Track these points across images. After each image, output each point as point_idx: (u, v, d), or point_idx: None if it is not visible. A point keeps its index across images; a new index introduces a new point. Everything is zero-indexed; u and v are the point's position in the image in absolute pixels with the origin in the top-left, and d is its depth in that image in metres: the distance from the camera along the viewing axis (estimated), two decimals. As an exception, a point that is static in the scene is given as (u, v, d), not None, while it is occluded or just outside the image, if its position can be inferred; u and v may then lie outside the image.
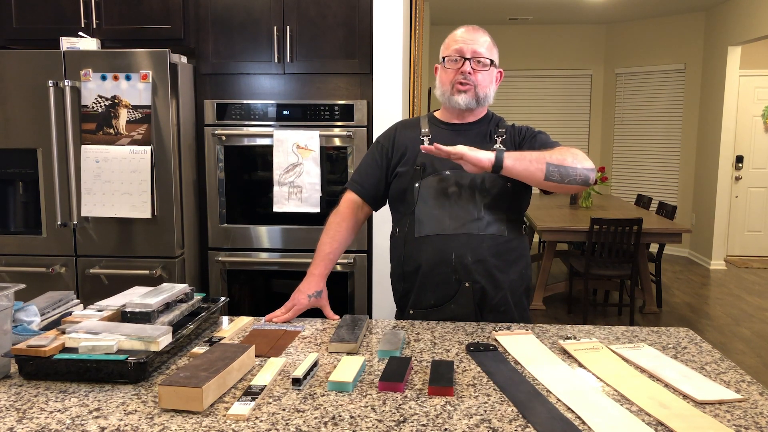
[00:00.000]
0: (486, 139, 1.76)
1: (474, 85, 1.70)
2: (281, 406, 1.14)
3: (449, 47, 1.72)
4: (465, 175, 1.67)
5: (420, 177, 1.71)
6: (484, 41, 1.71)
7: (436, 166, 1.71)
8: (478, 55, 1.69)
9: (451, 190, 1.69)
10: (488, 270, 1.68)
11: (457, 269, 1.68)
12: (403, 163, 1.76)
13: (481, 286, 1.68)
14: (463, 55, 1.70)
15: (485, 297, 1.70)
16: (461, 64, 1.70)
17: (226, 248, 3.03)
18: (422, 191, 1.70)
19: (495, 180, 1.68)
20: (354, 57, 2.89)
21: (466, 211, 1.68)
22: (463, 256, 1.67)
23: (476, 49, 1.69)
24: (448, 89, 1.73)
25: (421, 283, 1.72)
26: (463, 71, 1.69)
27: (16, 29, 3.00)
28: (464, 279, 1.68)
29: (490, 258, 1.68)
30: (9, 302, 1.30)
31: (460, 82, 1.70)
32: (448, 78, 1.72)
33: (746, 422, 1.09)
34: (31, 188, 2.88)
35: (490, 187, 1.69)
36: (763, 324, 4.72)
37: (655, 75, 7.27)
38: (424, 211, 1.70)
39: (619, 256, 4.40)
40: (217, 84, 2.98)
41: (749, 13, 5.89)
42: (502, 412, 1.13)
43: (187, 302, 1.56)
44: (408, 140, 1.78)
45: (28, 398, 1.17)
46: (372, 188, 1.81)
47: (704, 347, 1.48)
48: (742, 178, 6.98)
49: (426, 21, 6.08)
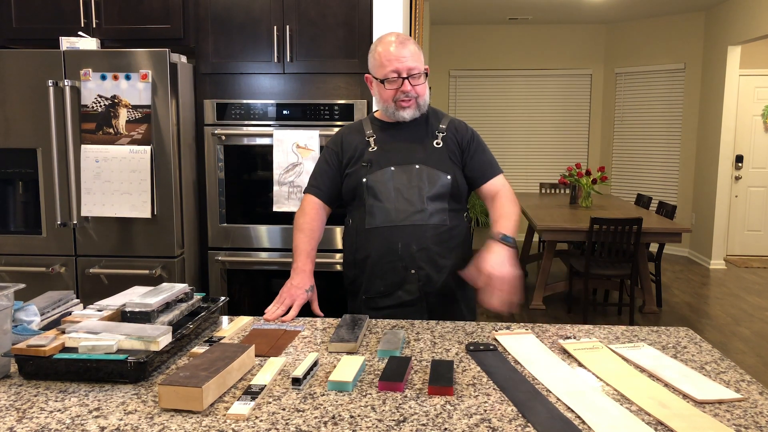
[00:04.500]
0: (427, 134, 1.89)
1: (415, 98, 1.82)
2: (281, 406, 1.14)
3: (385, 67, 1.79)
4: (408, 169, 1.83)
5: (367, 172, 1.84)
6: (413, 52, 1.80)
7: (382, 162, 1.84)
8: (413, 70, 1.79)
9: (397, 185, 1.82)
10: (431, 257, 1.81)
11: (404, 257, 1.81)
12: (352, 163, 1.88)
13: (426, 273, 1.81)
14: (400, 74, 1.79)
15: (429, 282, 1.82)
16: (400, 84, 1.79)
17: (225, 248, 3.03)
18: (370, 185, 1.83)
19: (436, 174, 1.83)
20: (354, 57, 2.89)
21: (411, 203, 1.81)
22: (408, 245, 1.80)
23: (411, 65, 1.78)
24: (391, 105, 1.84)
25: (371, 272, 1.85)
26: (404, 90, 1.80)
27: (16, 29, 3.00)
28: (410, 266, 1.81)
29: (432, 246, 1.81)
30: (9, 302, 1.30)
31: (402, 99, 1.81)
32: (389, 95, 1.82)
33: (746, 422, 1.09)
34: (31, 188, 2.88)
35: (431, 180, 1.82)
36: (763, 324, 4.72)
37: (654, 75, 7.27)
38: (373, 205, 1.83)
39: (618, 256, 4.40)
40: (216, 84, 2.98)
41: (749, 13, 5.89)
42: (501, 412, 1.13)
43: (186, 302, 1.56)
44: (355, 143, 1.90)
45: (28, 398, 1.17)
46: (328, 190, 1.93)
47: (704, 347, 1.48)
48: (742, 177, 6.98)
49: (426, 21, 6.08)
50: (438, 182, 1.82)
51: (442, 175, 1.83)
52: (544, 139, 7.90)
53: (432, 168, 1.83)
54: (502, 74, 7.87)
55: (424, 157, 1.84)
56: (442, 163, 1.84)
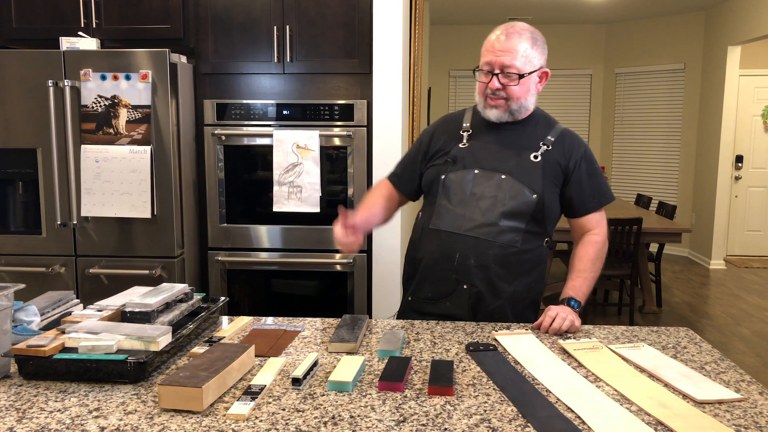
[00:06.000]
0: (528, 143, 1.71)
1: (506, 99, 1.66)
2: (281, 406, 1.14)
3: (482, 56, 1.66)
4: (492, 176, 1.66)
5: (447, 170, 1.71)
6: (518, 50, 1.62)
7: (467, 163, 1.69)
8: (507, 68, 1.62)
9: (476, 190, 1.67)
10: (489, 277, 1.66)
11: (458, 269, 1.67)
12: (439, 156, 1.75)
13: (479, 291, 1.67)
14: (491, 69, 1.64)
15: (481, 302, 1.68)
16: (489, 79, 1.65)
17: (225, 248, 3.03)
18: (446, 184, 1.70)
19: (521, 189, 1.66)
20: (354, 57, 2.89)
21: (483, 214, 1.66)
22: (466, 258, 1.66)
23: (506, 62, 1.61)
24: (481, 100, 1.70)
25: (422, 274, 1.74)
26: (491, 87, 1.65)
27: (16, 29, 3.00)
28: (463, 280, 1.67)
29: (494, 265, 1.66)
30: (9, 302, 1.30)
31: (490, 96, 1.67)
32: (480, 88, 1.69)
33: (746, 422, 1.09)
34: (31, 188, 2.88)
35: (513, 195, 1.65)
36: (762, 324, 4.72)
37: (654, 75, 7.27)
38: (444, 206, 1.70)
39: (618, 256, 4.40)
40: (216, 84, 2.98)
41: (749, 13, 5.89)
42: (501, 412, 1.13)
43: (186, 302, 1.56)
44: (447, 134, 1.78)
45: (28, 398, 1.17)
46: (408, 181, 1.85)
47: (704, 347, 1.48)
48: (742, 177, 6.98)
49: (426, 21, 6.08)
50: (520, 198, 1.65)
51: (527, 192, 1.65)
52: (544, 139, 7.89)
53: (518, 182, 1.65)
54: (502, 74, 7.86)
55: (514, 168, 1.67)
56: (532, 179, 1.66)
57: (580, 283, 1.68)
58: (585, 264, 1.72)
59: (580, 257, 1.73)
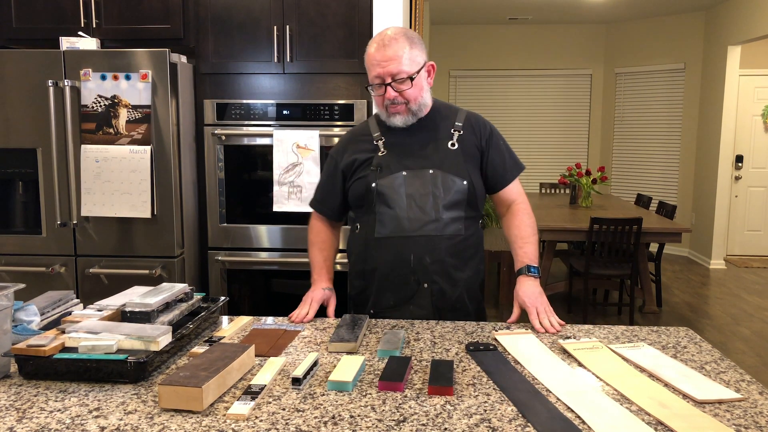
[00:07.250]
0: (439, 134, 1.76)
1: (405, 103, 1.69)
2: (281, 406, 1.14)
3: (369, 71, 1.69)
4: (421, 174, 1.71)
5: (376, 178, 1.72)
6: (401, 55, 1.64)
7: (393, 167, 1.72)
8: (397, 75, 1.65)
9: (410, 191, 1.71)
10: (446, 270, 1.72)
11: (416, 270, 1.71)
12: (361, 169, 1.77)
13: (440, 287, 1.72)
14: (383, 81, 1.66)
15: (443, 296, 1.73)
16: (384, 91, 1.67)
17: (225, 248, 3.03)
18: (380, 191, 1.72)
19: (451, 180, 1.71)
20: (354, 57, 2.89)
21: (425, 212, 1.70)
22: (421, 258, 1.70)
23: (393, 70, 1.64)
24: (383, 112, 1.73)
25: (380, 284, 1.76)
26: (389, 97, 1.68)
27: (16, 29, 3.00)
28: (423, 280, 1.72)
29: (447, 258, 1.71)
30: (9, 302, 1.30)
31: (390, 106, 1.70)
32: (379, 102, 1.72)
33: (746, 422, 1.09)
34: (31, 188, 2.88)
35: (446, 187, 1.71)
36: (763, 324, 4.72)
37: (654, 75, 7.27)
38: (383, 212, 1.72)
39: (618, 256, 4.40)
40: (216, 84, 2.98)
41: (749, 13, 5.89)
42: (501, 412, 1.13)
43: (186, 302, 1.56)
44: (360, 148, 1.79)
45: (28, 398, 1.17)
46: (333, 205, 1.87)
47: (704, 347, 1.48)
48: (742, 177, 6.98)
49: (426, 21, 6.08)
50: (453, 188, 1.71)
51: (458, 181, 1.71)
52: (544, 139, 7.90)
53: (447, 173, 1.71)
54: (502, 74, 7.87)
55: (439, 161, 1.72)
56: (457, 167, 1.72)
57: (529, 249, 1.75)
58: (526, 231, 1.78)
59: (517, 226, 1.80)
